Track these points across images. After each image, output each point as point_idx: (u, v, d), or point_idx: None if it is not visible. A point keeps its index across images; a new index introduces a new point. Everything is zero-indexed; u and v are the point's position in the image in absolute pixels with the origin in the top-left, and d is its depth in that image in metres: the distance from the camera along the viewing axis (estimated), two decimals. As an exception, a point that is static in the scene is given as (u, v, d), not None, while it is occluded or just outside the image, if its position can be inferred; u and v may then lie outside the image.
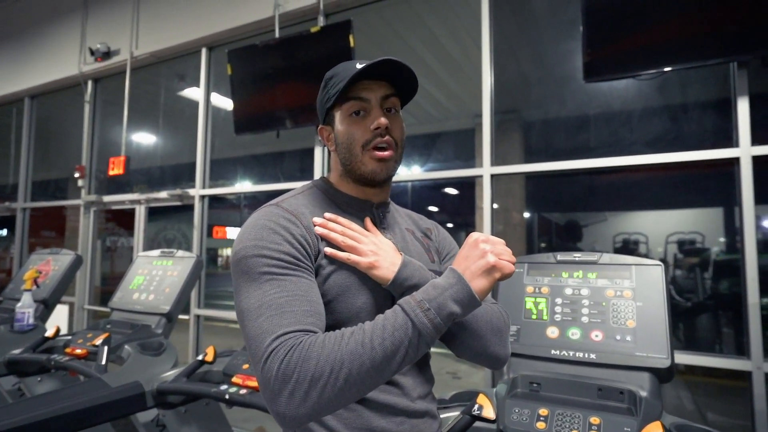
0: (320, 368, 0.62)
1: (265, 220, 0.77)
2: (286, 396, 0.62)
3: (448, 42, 3.29)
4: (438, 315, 0.66)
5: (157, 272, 2.35)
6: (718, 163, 2.10)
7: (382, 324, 0.66)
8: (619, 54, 2.12)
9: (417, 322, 0.66)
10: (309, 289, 0.73)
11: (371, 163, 0.83)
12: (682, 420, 1.10)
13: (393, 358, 0.65)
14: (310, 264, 0.76)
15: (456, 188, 4.43)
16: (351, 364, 0.63)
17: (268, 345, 0.64)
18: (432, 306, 0.67)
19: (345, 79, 0.79)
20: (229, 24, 3.43)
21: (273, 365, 0.63)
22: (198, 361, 1.72)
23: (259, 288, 0.71)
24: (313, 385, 0.62)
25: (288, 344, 0.64)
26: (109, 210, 4.39)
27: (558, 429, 1.06)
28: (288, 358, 0.63)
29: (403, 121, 0.89)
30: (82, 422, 1.47)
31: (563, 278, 1.39)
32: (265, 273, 0.71)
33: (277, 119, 3.08)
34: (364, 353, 0.64)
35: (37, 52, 4.78)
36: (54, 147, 5.21)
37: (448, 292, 0.68)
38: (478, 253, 0.71)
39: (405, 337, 0.65)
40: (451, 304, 0.67)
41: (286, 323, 0.66)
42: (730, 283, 2.74)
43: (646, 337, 1.20)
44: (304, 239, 0.77)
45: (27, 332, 2.35)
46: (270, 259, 0.72)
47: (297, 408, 0.62)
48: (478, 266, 0.70)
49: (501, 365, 0.89)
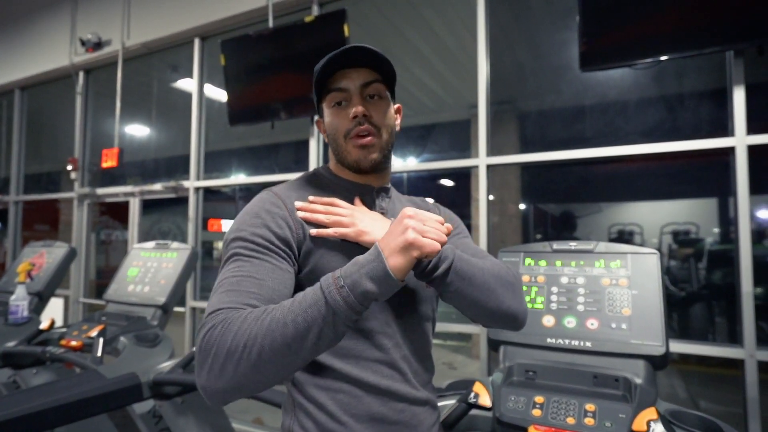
0: (235, 343, 0.62)
1: (253, 205, 0.80)
2: (206, 369, 0.63)
3: (444, 32, 3.27)
4: (351, 293, 0.63)
5: (152, 264, 2.34)
6: (714, 153, 2.10)
7: (300, 300, 0.65)
8: (616, 43, 2.11)
9: (330, 300, 0.63)
10: (268, 272, 0.72)
11: (354, 152, 0.84)
12: (677, 406, 1.10)
13: (306, 336, 0.62)
14: (285, 249, 0.76)
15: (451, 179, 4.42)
16: (264, 340, 0.62)
17: (203, 320, 0.66)
18: (347, 283, 0.64)
19: (318, 72, 0.82)
20: (222, 14, 3.39)
21: (198, 338, 0.64)
22: (194, 352, 1.72)
23: (225, 267, 0.73)
24: (228, 359, 0.61)
25: (217, 319, 0.64)
26: (102, 203, 4.35)
27: (554, 416, 1.07)
28: (211, 332, 0.63)
29: (391, 106, 0.88)
30: (79, 413, 1.47)
31: (559, 267, 1.39)
32: (234, 254, 0.74)
33: (272, 110, 3.05)
34: (277, 330, 0.62)
35: (26, 43, 4.71)
36: (46, 139, 5.15)
37: (364, 269, 0.65)
38: (401, 229, 0.68)
39: (318, 315, 0.63)
40: (365, 282, 0.64)
41: (227, 300, 0.67)
42: (724, 273, 2.76)
43: (642, 325, 1.21)
44: (285, 222, 0.78)
45: (21, 325, 2.33)
46: (243, 241, 0.75)
47: (215, 381, 0.62)
48: (396, 242, 0.66)
49: (520, 323, 0.86)
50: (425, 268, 0.74)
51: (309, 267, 0.78)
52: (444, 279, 0.74)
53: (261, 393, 1.43)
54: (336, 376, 0.77)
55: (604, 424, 1.01)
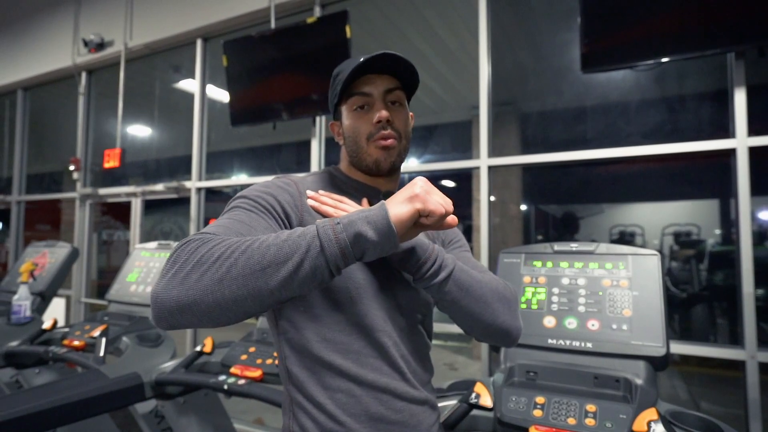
0: (210, 254, 0.60)
1: (266, 181, 0.85)
2: (167, 276, 0.60)
3: (445, 33, 3.27)
4: (345, 230, 0.62)
5: (154, 264, 2.34)
6: (715, 155, 2.11)
7: (290, 231, 0.64)
8: (617, 44, 2.12)
9: (321, 232, 0.62)
10: (262, 226, 0.73)
11: (376, 152, 0.87)
12: (677, 407, 1.11)
13: (285, 263, 0.60)
14: (284, 219, 0.79)
15: (453, 180, 4.43)
16: (241, 255, 0.60)
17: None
18: (342, 221, 0.63)
19: (347, 75, 0.84)
20: (224, 15, 3.40)
21: (172, 251, 0.63)
22: (196, 352, 1.73)
23: (221, 218, 0.75)
24: (195, 268, 0.59)
25: (196, 237, 0.64)
26: (104, 203, 4.36)
27: (554, 416, 1.07)
28: (187, 245, 0.62)
29: (410, 115, 0.93)
30: (81, 413, 1.47)
31: (560, 268, 1.40)
32: (233, 207, 0.77)
33: (274, 111, 3.06)
34: (258, 250, 0.60)
35: (29, 44, 4.73)
36: (48, 139, 5.17)
37: (363, 214, 0.64)
38: (408, 186, 0.69)
39: (304, 243, 0.61)
40: (362, 224, 0.63)
41: (213, 231, 0.67)
42: (725, 275, 2.76)
43: (642, 326, 1.21)
44: (292, 199, 0.81)
45: (24, 324, 2.34)
46: (245, 198, 0.78)
47: (171, 289, 0.59)
48: (402, 195, 0.67)
49: (512, 340, 0.86)
50: (425, 274, 0.76)
51: None
52: (442, 287, 0.77)
53: (260, 393, 1.43)
54: (335, 372, 0.77)
55: (605, 425, 1.02)
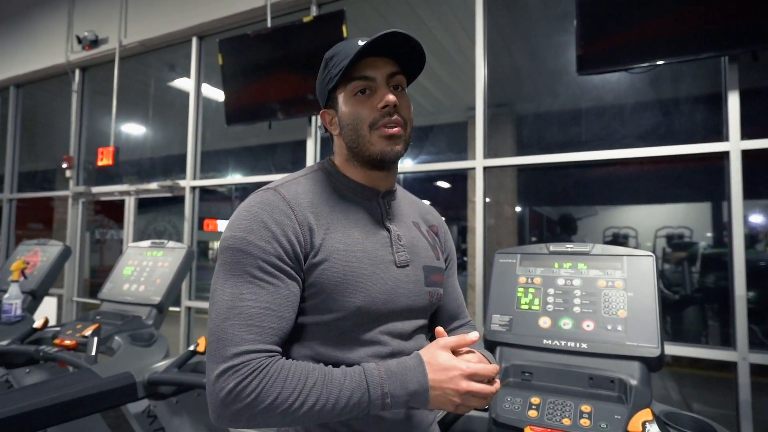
0: (277, 403, 0.65)
1: (259, 209, 0.74)
2: (234, 411, 0.65)
3: (442, 34, 3.28)
4: (392, 404, 0.70)
5: (147, 263, 2.33)
6: (708, 158, 2.12)
7: (346, 395, 0.68)
8: (612, 47, 2.13)
9: (372, 410, 0.69)
10: (284, 300, 0.72)
11: (380, 143, 0.79)
12: (671, 408, 1.11)
13: (338, 416, 0.69)
14: (294, 265, 0.74)
15: (448, 181, 4.44)
16: (304, 414, 0.66)
17: (230, 358, 0.66)
18: (393, 402, 0.70)
19: (348, 56, 0.75)
20: (220, 13, 3.39)
21: (230, 381, 0.65)
22: (189, 352, 1.71)
23: (235, 286, 0.70)
24: (263, 413, 0.66)
25: (251, 366, 0.66)
26: (97, 201, 4.33)
27: (549, 417, 1.07)
28: (248, 381, 0.65)
29: (410, 101, 0.84)
30: (72, 413, 1.46)
31: (555, 269, 1.40)
32: (246, 272, 0.71)
33: (269, 110, 3.05)
34: (318, 408, 0.67)
35: (22, 40, 4.68)
36: (41, 137, 5.12)
37: (410, 392, 0.70)
38: (453, 382, 0.71)
39: (356, 410, 0.69)
40: (405, 400, 0.70)
41: (251, 339, 0.68)
42: (717, 277, 2.78)
43: (637, 327, 1.22)
44: (296, 237, 0.74)
45: (14, 323, 2.31)
46: (255, 258, 0.71)
47: (236, 422, 0.66)
48: (448, 392, 0.71)
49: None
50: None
51: (311, 279, 0.75)
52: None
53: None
54: None
55: (600, 425, 1.02)
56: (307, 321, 0.76)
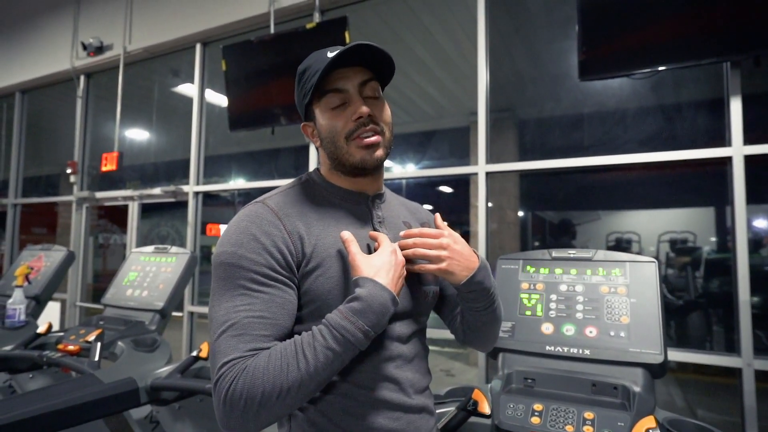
0: (268, 395, 0.65)
1: (248, 222, 0.75)
2: (236, 418, 0.65)
3: (444, 39, 3.29)
4: (365, 333, 0.70)
5: (150, 268, 2.33)
6: (711, 163, 2.12)
7: (323, 353, 0.68)
8: (614, 53, 2.13)
9: (352, 342, 0.69)
10: (279, 308, 0.72)
11: (358, 152, 0.80)
12: (675, 415, 1.11)
13: (331, 374, 0.70)
14: (288, 273, 0.74)
15: (450, 186, 4.44)
16: (297, 391, 0.66)
17: (219, 369, 0.67)
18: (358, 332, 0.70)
19: (318, 71, 0.76)
20: (223, 19, 3.41)
21: (221, 390, 0.65)
22: (192, 357, 1.71)
23: (230, 300, 0.71)
24: (263, 408, 0.65)
25: (234, 370, 0.66)
26: (101, 206, 4.35)
27: (552, 424, 1.07)
28: (233, 386, 0.65)
29: (386, 104, 0.85)
30: (75, 418, 1.46)
31: (558, 275, 1.40)
32: (239, 285, 0.71)
33: (272, 116, 3.06)
34: (311, 381, 0.67)
35: (28, 46, 4.72)
36: (45, 143, 5.16)
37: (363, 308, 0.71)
38: (382, 256, 0.76)
39: (339, 362, 0.69)
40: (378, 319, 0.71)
41: (241, 347, 0.68)
42: (721, 282, 2.77)
43: (640, 333, 1.21)
44: (286, 247, 0.74)
45: (18, 329, 2.32)
46: (247, 271, 0.71)
47: (246, 428, 0.66)
48: (384, 268, 0.74)
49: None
50: (490, 304, 0.85)
51: (305, 287, 0.76)
52: (484, 294, 0.83)
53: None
54: (330, 384, 0.77)
55: (603, 433, 1.01)
56: (303, 329, 0.75)
